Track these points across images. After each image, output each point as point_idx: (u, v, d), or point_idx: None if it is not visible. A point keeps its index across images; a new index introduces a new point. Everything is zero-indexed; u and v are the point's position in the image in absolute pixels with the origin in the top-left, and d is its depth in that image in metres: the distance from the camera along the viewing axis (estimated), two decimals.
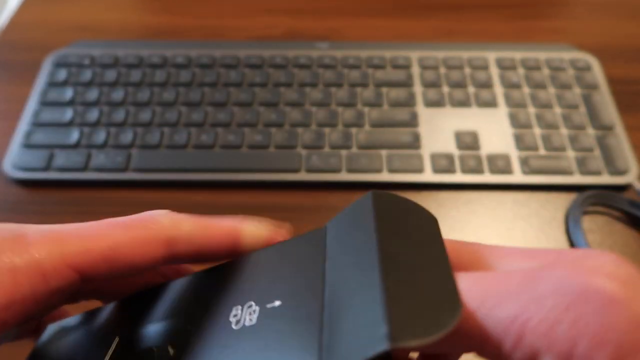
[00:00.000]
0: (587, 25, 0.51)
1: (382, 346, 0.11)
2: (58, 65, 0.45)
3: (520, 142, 0.40)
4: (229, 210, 0.38)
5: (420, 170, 0.39)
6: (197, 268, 0.20)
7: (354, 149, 0.40)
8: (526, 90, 0.44)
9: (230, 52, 0.46)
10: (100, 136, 0.40)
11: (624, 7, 0.53)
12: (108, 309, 0.20)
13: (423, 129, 0.41)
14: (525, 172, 0.39)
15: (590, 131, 0.41)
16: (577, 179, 0.38)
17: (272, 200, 0.39)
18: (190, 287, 0.19)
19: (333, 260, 0.16)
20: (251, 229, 0.18)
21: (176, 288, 0.19)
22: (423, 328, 0.12)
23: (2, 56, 0.49)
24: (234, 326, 0.16)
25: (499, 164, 0.39)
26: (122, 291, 0.19)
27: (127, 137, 0.40)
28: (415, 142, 0.40)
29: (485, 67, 0.45)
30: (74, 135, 0.40)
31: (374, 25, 0.52)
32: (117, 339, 0.18)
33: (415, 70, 0.45)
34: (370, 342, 0.12)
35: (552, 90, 0.44)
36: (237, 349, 0.15)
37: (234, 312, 0.16)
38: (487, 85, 0.44)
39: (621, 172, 0.38)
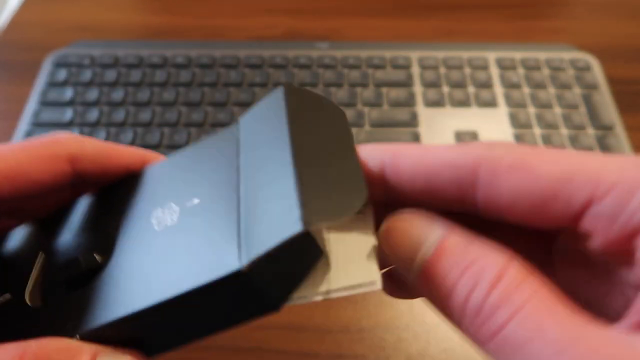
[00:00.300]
0: (587, 25, 0.51)
1: (297, 228, 0.12)
2: (58, 65, 0.45)
3: (520, 142, 0.40)
4: None
5: None
6: None
7: None
8: (526, 90, 0.44)
9: (230, 52, 0.47)
10: (100, 136, 0.40)
11: (624, 7, 0.53)
12: (28, 229, 0.20)
13: (423, 129, 0.41)
14: None
15: (590, 131, 0.41)
16: None
17: None
18: (110, 197, 0.19)
19: (247, 154, 0.16)
20: (157, 157, 0.19)
21: (95, 200, 0.19)
22: (333, 210, 0.13)
23: (2, 56, 0.49)
24: (156, 227, 0.17)
25: None
26: (39, 210, 0.19)
27: (127, 137, 0.40)
28: (415, 142, 0.40)
29: (485, 67, 0.45)
30: None
31: (374, 25, 0.52)
32: (41, 254, 0.18)
33: (415, 70, 0.45)
34: (286, 226, 0.13)
35: (552, 90, 0.44)
36: (161, 248, 0.16)
37: (154, 214, 0.17)
38: (487, 85, 0.44)
39: None
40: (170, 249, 0.15)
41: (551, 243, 0.15)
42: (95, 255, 0.17)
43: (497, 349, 0.12)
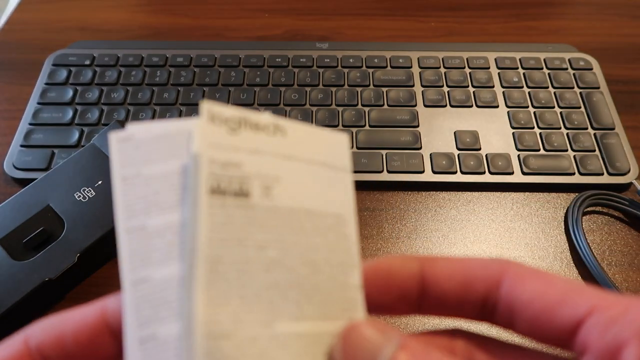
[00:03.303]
0: (587, 25, 0.51)
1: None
2: (58, 65, 0.45)
3: (520, 142, 0.40)
4: None
5: (420, 170, 0.39)
6: None
7: (354, 149, 0.40)
8: (526, 90, 0.44)
9: (230, 52, 0.46)
10: None
11: (624, 7, 0.53)
12: None
13: (423, 129, 0.41)
14: (525, 172, 0.39)
15: (590, 131, 0.41)
16: (577, 179, 0.38)
17: None
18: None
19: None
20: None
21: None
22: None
23: (2, 56, 0.49)
24: (82, 200, 0.33)
25: (499, 164, 0.39)
26: None
27: None
28: (415, 142, 0.40)
29: (485, 67, 0.45)
30: (74, 135, 0.40)
31: (374, 25, 0.52)
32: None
33: (415, 70, 0.45)
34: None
35: (552, 90, 0.44)
36: (89, 210, 0.33)
37: (77, 194, 0.33)
38: (487, 85, 0.44)
39: (621, 172, 0.38)
40: (96, 211, 0.33)
41: None
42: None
43: None
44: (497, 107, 0.43)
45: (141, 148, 0.16)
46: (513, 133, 0.41)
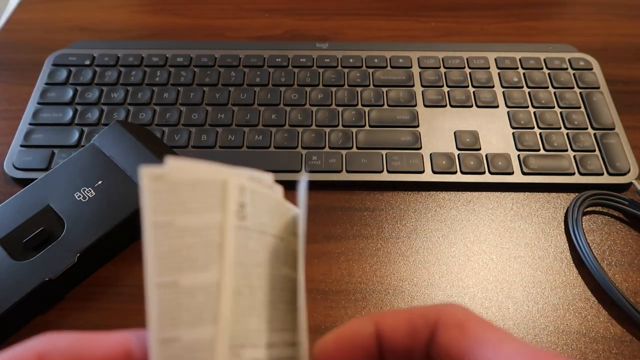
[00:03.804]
0: (587, 25, 0.51)
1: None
2: (58, 65, 0.45)
3: (520, 142, 0.40)
4: None
5: (420, 170, 0.39)
6: None
7: (354, 149, 0.40)
8: (526, 90, 0.44)
9: (230, 52, 0.46)
10: None
11: (624, 7, 0.53)
12: None
13: (423, 129, 0.41)
14: (525, 172, 0.39)
15: (590, 131, 0.41)
16: (577, 179, 0.38)
17: None
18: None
19: (114, 155, 0.35)
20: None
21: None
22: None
23: (2, 56, 0.49)
24: (82, 200, 0.33)
25: (499, 164, 0.39)
26: None
27: None
28: (415, 142, 0.40)
29: (485, 67, 0.45)
30: (74, 135, 0.40)
31: (374, 25, 0.52)
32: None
33: (415, 70, 0.45)
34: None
35: (552, 90, 0.44)
36: (89, 210, 0.33)
37: (77, 194, 0.33)
38: (487, 85, 0.44)
39: (621, 172, 0.38)
40: (94, 211, 0.33)
41: None
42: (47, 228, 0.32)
43: None
44: (497, 107, 0.43)
45: (176, 192, 0.15)
46: (513, 133, 0.41)
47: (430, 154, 0.40)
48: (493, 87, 0.44)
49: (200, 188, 0.15)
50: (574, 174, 0.39)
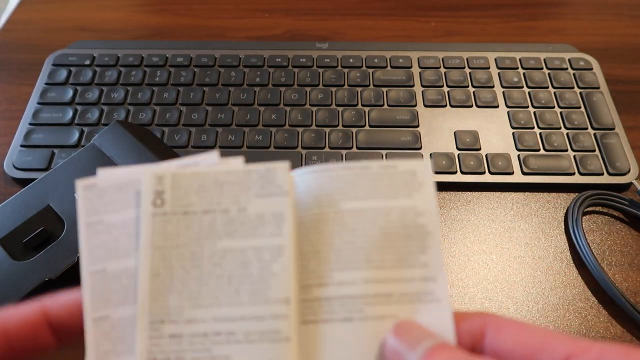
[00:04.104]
0: (587, 25, 0.51)
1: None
2: (58, 65, 0.45)
3: (520, 142, 0.40)
4: None
5: None
6: None
7: (354, 149, 0.40)
8: (526, 90, 0.44)
9: (230, 52, 0.46)
10: None
11: (624, 7, 0.53)
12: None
13: (423, 129, 0.41)
14: (525, 172, 0.39)
15: (590, 131, 0.41)
16: (577, 179, 0.38)
17: None
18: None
19: (114, 155, 0.33)
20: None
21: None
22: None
23: (2, 56, 0.49)
24: None
25: (499, 164, 0.39)
26: None
27: None
28: (415, 142, 0.40)
29: (485, 67, 0.45)
30: (74, 135, 0.40)
31: (374, 25, 0.52)
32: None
33: (415, 70, 0.45)
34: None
35: (552, 90, 0.44)
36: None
37: (76, 194, 0.30)
38: (487, 85, 0.44)
39: (621, 172, 0.38)
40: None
41: None
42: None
43: None
44: (497, 107, 0.43)
45: (104, 196, 0.18)
46: (513, 133, 0.41)
47: (431, 154, 0.40)
48: (493, 87, 0.44)
49: (123, 189, 0.18)
50: (574, 174, 0.39)
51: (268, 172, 0.18)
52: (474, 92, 0.44)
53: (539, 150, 0.40)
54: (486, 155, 0.39)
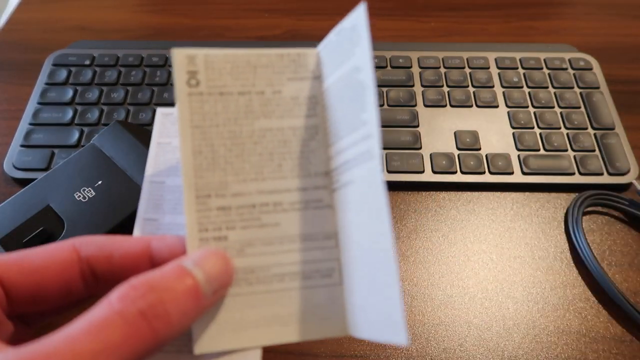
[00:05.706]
0: (587, 25, 0.51)
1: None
2: (58, 65, 0.45)
3: (520, 142, 0.40)
4: None
5: (420, 170, 0.39)
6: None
7: None
8: (526, 90, 0.44)
9: None
10: None
11: (624, 7, 0.53)
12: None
13: (423, 129, 0.41)
14: (525, 172, 0.39)
15: (590, 131, 0.41)
16: (577, 179, 0.38)
17: None
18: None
19: (114, 155, 0.32)
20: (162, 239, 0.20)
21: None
22: None
23: (2, 56, 0.49)
24: (82, 200, 0.32)
25: (499, 164, 0.39)
26: (56, 307, 0.20)
27: None
28: (415, 142, 0.40)
29: (485, 67, 0.45)
30: (74, 135, 0.40)
31: (374, 26, 0.52)
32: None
33: (415, 70, 0.45)
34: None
35: (552, 90, 0.44)
36: (89, 210, 0.31)
37: (77, 194, 0.32)
38: (487, 85, 0.44)
39: (621, 172, 0.38)
40: (93, 211, 0.32)
41: None
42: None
43: None
44: (497, 107, 0.43)
45: (176, 124, 0.20)
46: (513, 133, 0.41)
47: (430, 154, 0.40)
48: (493, 87, 0.44)
49: None
50: (574, 174, 0.39)
51: (300, 57, 0.20)
52: (474, 92, 0.44)
53: (539, 150, 0.40)
54: (486, 155, 0.39)
